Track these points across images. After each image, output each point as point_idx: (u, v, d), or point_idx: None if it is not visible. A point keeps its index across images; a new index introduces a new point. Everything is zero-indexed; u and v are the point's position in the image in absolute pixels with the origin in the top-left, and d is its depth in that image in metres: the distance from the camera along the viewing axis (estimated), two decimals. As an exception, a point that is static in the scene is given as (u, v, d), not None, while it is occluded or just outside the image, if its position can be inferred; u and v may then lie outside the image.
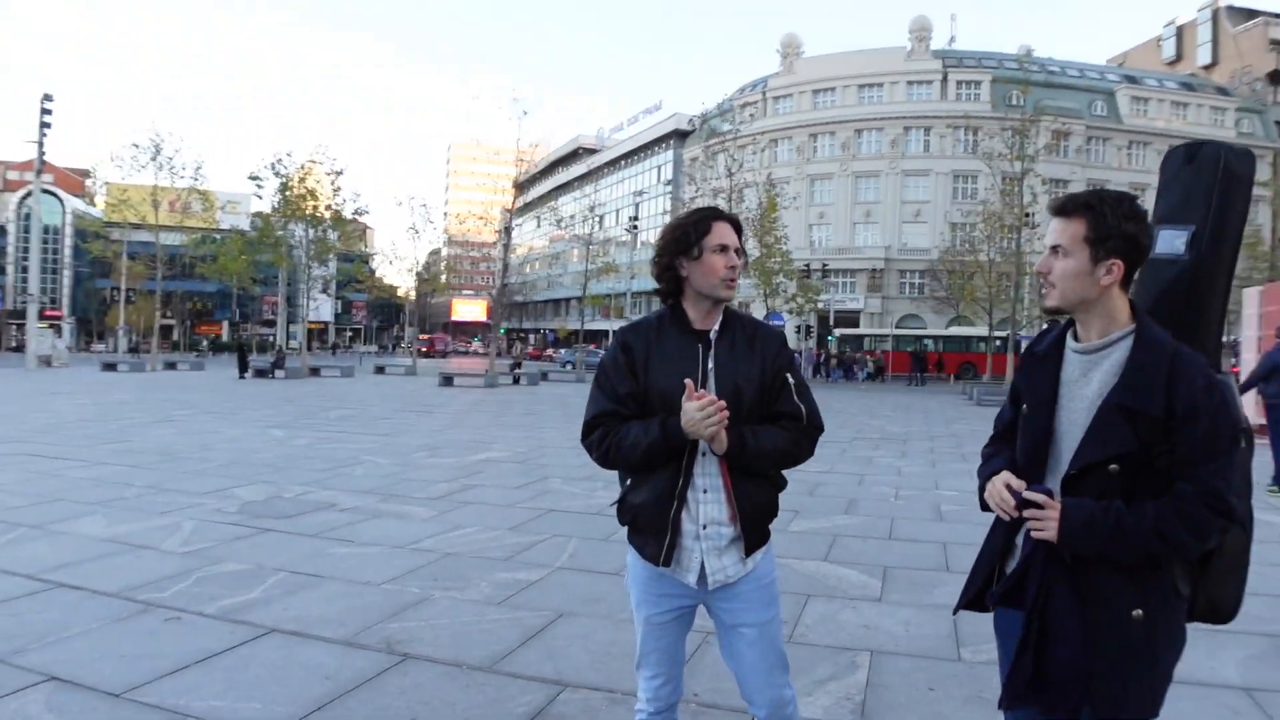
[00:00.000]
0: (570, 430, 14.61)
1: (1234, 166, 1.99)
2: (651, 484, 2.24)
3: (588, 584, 5.24)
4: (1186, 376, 1.71)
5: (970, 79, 57.75)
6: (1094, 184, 56.92)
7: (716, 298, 2.28)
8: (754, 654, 2.30)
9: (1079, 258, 1.82)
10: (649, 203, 73.31)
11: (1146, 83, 62.08)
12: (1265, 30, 63.76)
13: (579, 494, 8.36)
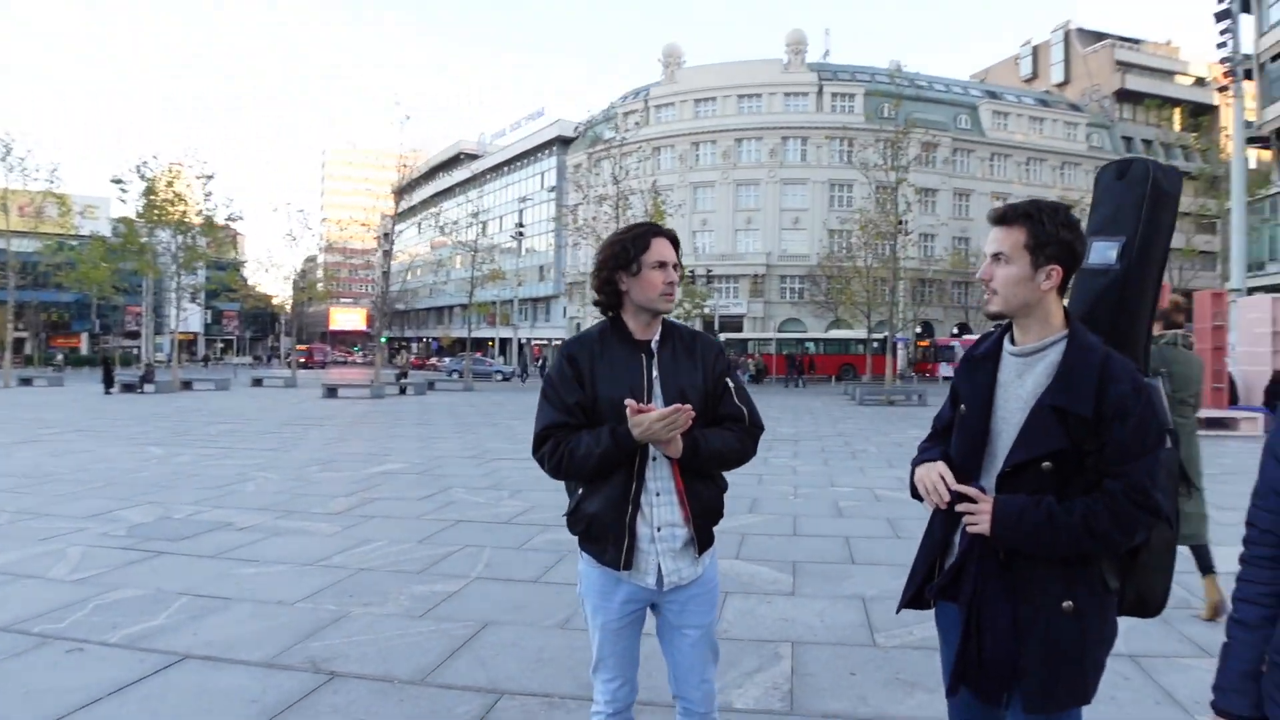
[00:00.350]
0: (467, 440, 14.45)
1: (1163, 183, 2.12)
2: (606, 491, 2.28)
3: (508, 593, 5.23)
4: (1116, 380, 1.80)
5: (844, 91, 59.90)
6: (959, 193, 60.10)
7: (655, 310, 2.36)
8: (694, 654, 2.40)
9: (1020, 264, 1.90)
10: (533, 209, 72.92)
11: (1006, 98, 65.81)
12: (1111, 52, 68.60)
13: (485, 504, 8.29)
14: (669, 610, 2.39)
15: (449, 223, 41.31)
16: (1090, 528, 1.77)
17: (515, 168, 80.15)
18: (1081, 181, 63.57)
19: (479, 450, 12.82)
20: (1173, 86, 68.10)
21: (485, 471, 10.47)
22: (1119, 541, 1.81)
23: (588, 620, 2.44)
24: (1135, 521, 1.78)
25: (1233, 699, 1.59)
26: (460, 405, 24.68)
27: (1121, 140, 66.23)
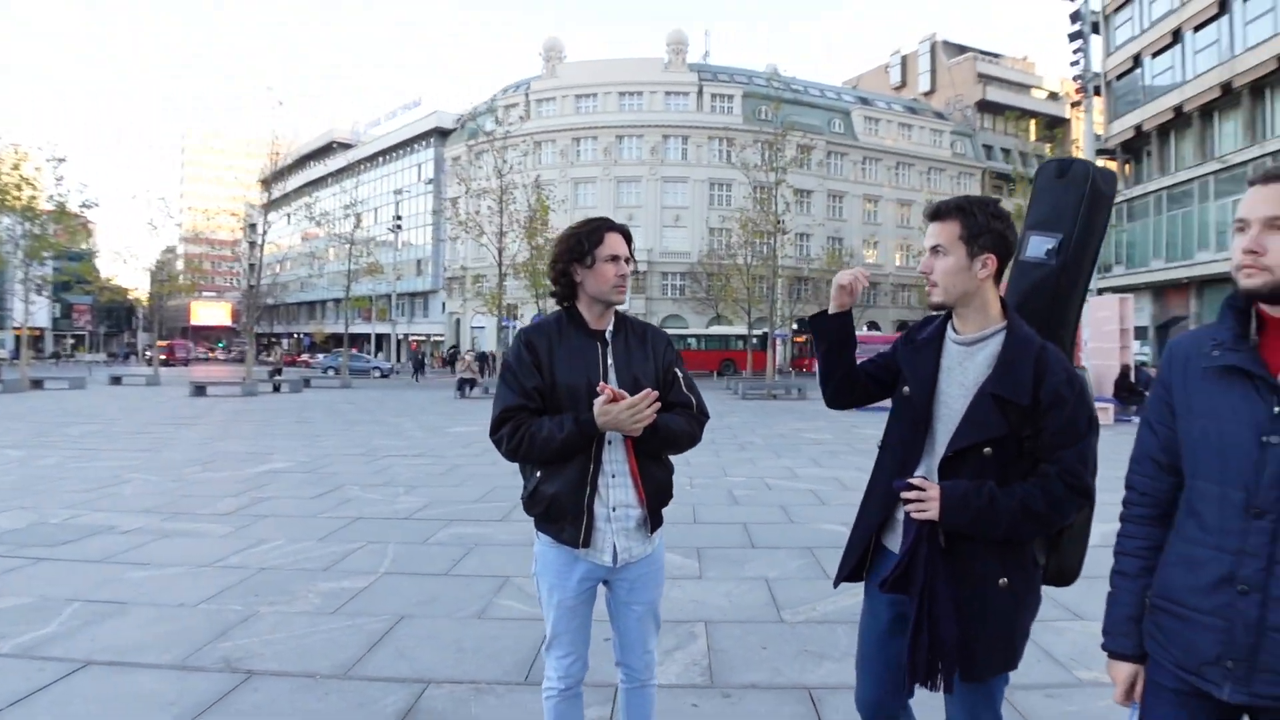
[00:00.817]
0: (352, 438, 14.11)
1: (1100, 185, 2.28)
2: (565, 474, 2.38)
3: (419, 586, 5.22)
4: (1052, 371, 1.94)
5: (723, 92, 61.09)
6: (834, 194, 62.21)
7: (608, 302, 2.49)
8: (640, 627, 2.57)
9: (957, 254, 2.02)
10: (410, 201, 71.24)
11: (877, 104, 68.58)
12: (974, 64, 72.45)
13: (381, 500, 8.17)
14: (620, 587, 2.52)
15: (321, 214, 39.94)
16: (1028, 510, 1.92)
17: (391, 159, 78.04)
18: (946, 186, 66.91)
19: (367, 448, 12.55)
20: (1029, 99, 72.55)
21: (377, 469, 10.28)
22: (1054, 522, 1.97)
23: (542, 600, 2.54)
24: (1068, 504, 1.95)
25: (1120, 640, 1.81)
26: (339, 403, 23.97)
27: (983, 148, 70.06)
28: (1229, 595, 1.57)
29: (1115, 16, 38.55)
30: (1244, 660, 1.55)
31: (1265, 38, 29.55)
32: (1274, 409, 1.54)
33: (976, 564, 1.98)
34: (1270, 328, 1.62)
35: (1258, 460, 1.55)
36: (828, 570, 5.75)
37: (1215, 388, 1.65)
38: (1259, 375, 1.58)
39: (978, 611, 1.97)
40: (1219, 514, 1.61)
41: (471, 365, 28.26)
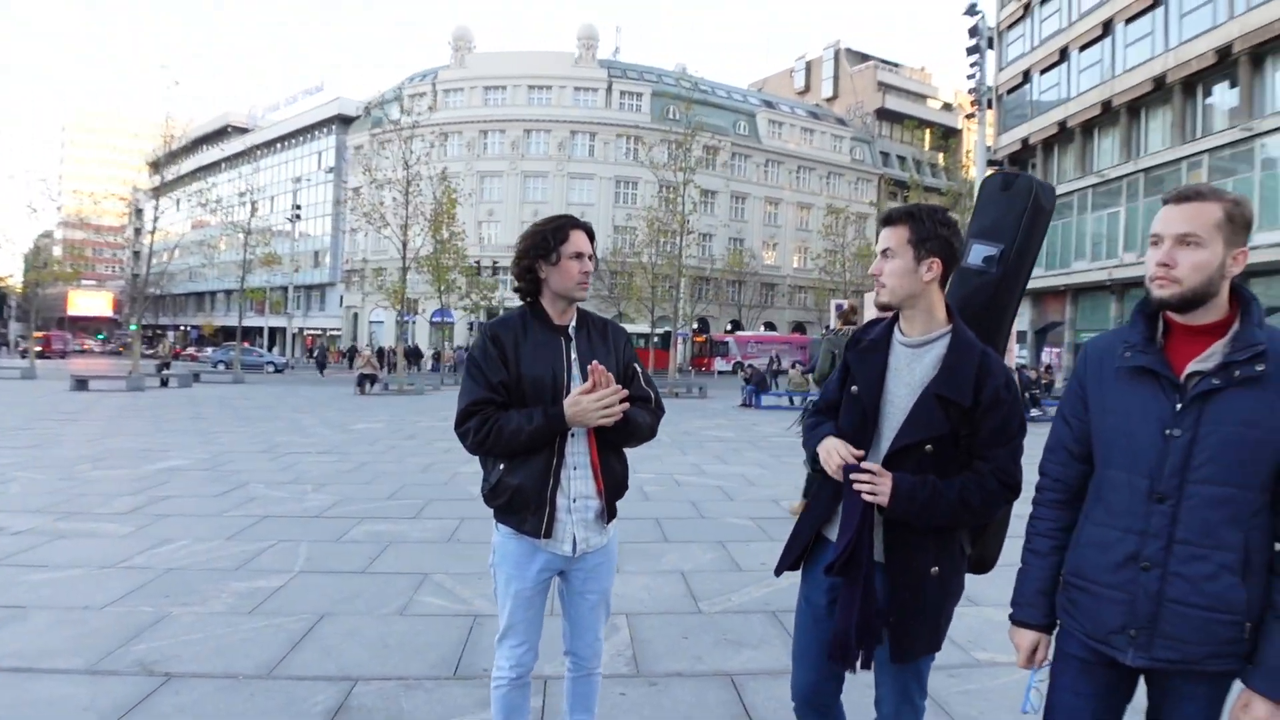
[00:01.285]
0: (252, 434, 13.68)
1: (1041, 200, 2.43)
2: (529, 465, 2.45)
3: (337, 584, 5.17)
4: (992, 374, 2.07)
5: (632, 90, 61.34)
6: (737, 195, 63.14)
7: (572, 298, 2.56)
8: (592, 615, 2.67)
9: (905, 257, 2.12)
10: (310, 190, 69.19)
11: (781, 108, 69.97)
12: (874, 72, 74.68)
13: (288, 498, 8.00)
14: (575, 576, 2.61)
15: (213, 201, 38.34)
16: (966, 503, 2.06)
17: (290, 145, 75.52)
18: (845, 191, 68.79)
19: (269, 444, 12.20)
20: (925, 109, 75.17)
21: (281, 466, 10.03)
22: (986, 515, 2.12)
23: (498, 590, 2.60)
24: (1000, 498, 2.09)
25: (1028, 611, 2.02)
26: (234, 398, 23.10)
27: (880, 155, 72.31)
28: (1133, 572, 1.79)
29: (1008, 33, 40.37)
30: (1145, 629, 1.77)
31: (1142, 60, 31.43)
32: (1176, 405, 1.76)
33: (913, 553, 2.12)
34: (1176, 332, 1.83)
35: (1161, 451, 1.76)
36: (740, 563, 5.95)
37: (1126, 386, 1.85)
38: (1164, 375, 1.78)
39: (912, 597, 2.11)
40: (1126, 499, 1.82)
41: (371, 361, 27.65)
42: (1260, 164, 26.69)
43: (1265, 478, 1.69)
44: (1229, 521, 1.70)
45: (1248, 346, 1.71)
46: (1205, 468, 1.71)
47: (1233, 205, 1.76)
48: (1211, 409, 1.72)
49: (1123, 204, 32.38)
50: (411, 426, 15.56)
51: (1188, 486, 1.73)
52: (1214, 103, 29.80)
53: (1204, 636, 1.72)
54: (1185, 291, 1.75)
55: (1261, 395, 1.68)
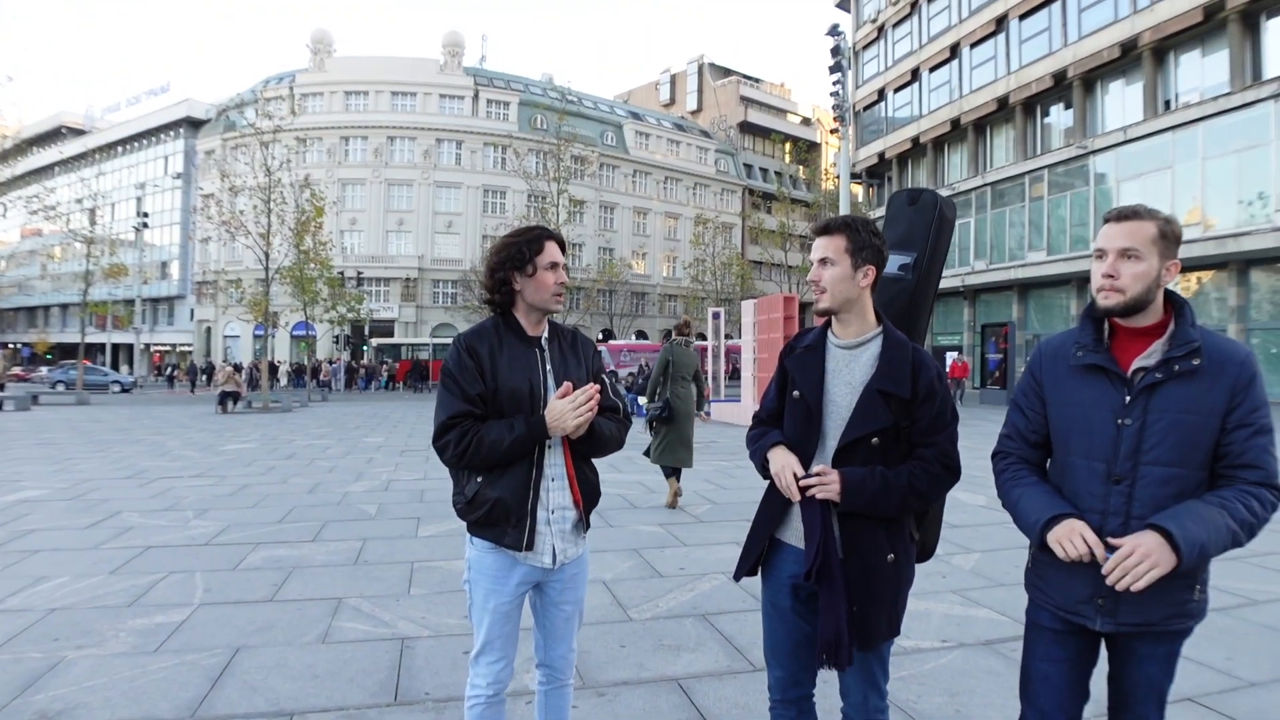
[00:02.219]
0: (111, 460, 12.73)
1: (945, 211, 2.66)
2: (509, 477, 2.42)
3: (246, 615, 4.87)
4: (925, 368, 2.22)
5: (500, 99, 60.82)
6: (605, 205, 63.48)
7: (547, 309, 2.55)
8: (567, 626, 2.65)
9: (843, 265, 2.24)
10: (157, 196, 65.15)
11: (648, 120, 70.97)
12: (737, 87, 76.78)
13: (170, 526, 7.47)
14: (552, 588, 2.58)
15: (44, 207, 35.42)
16: (914, 487, 2.18)
17: (133, 149, 70.90)
18: (711, 202, 70.33)
19: (134, 470, 11.37)
20: (785, 123, 77.82)
21: (153, 493, 9.35)
22: (933, 497, 2.25)
23: (475, 605, 2.53)
24: (943, 480, 2.23)
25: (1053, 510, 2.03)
26: (83, 421, 21.40)
27: (744, 167, 74.34)
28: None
29: (864, 53, 42.31)
30: (1111, 596, 1.99)
31: (987, 82, 33.55)
32: (1125, 397, 2.00)
33: (870, 544, 2.22)
34: (1120, 334, 2.08)
35: (1115, 438, 2.01)
36: (658, 569, 5.98)
37: (1080, 381, 2.09)
38: (1113, 371, 2.03)
39: (871, 585, 2.21)
40: (1086, 482, 2.05)
41: (235, 378, 26.24)
42: (1093, 179, 28.90)
43: (1204, 456, 1.94)
44: (1177, 497, 1.95)
45: (1184, 344, 1.97)
46: (1154, 450, 1.96)
47: (1164, 223, 2.01)
48: (1156, 399, 1.96)
49: (972, 215, 34.41)
50: (287, 446, 14.83)
51: (1140, 468, 1.97)
52: (1051, 122, 32.16)
53: (1163, 600, 1.96)
54: (1128, 300, 1.99)
55: (1197, 385, 1.93)
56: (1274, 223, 22.76)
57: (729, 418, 20.42)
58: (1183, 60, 26.62)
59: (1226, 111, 24.11)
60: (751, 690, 3.79)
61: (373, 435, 16.97)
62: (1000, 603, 5.16)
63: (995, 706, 3.65)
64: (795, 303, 18.83)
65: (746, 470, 11.16)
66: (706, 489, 9.74)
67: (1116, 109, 28.74)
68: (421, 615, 4.88)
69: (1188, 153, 25.31)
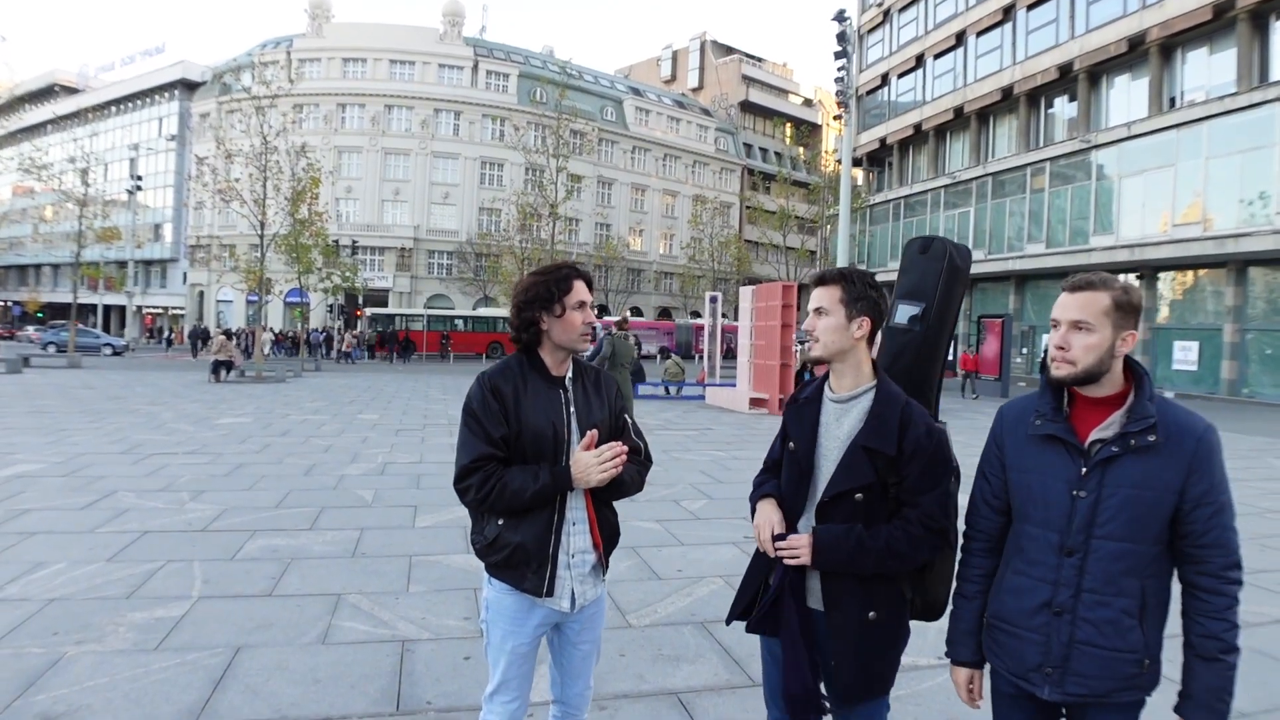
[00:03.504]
0: (107, 431, 12.68)
1: (956, 260, 2.65)
2: (531, 522, 2.40)
3: (246, 611, 4.86)
4: (914, 424, 2.19)
5: (499, 70, 60.31)
6: (604, 181, 63.16)
7: (574, 350, 2.52)
8: (584, 664, 2.65)
9: (837, 315, 2.25)
10: (151, 158, 64.52)
11: (648, 96, 70.52)
12: (739, 65, 76.27)
13: (166, 509, 7.45)
14: (570, 629, 2.58)
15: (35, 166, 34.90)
16: (892, 549, 2.17)
17: (128, 109, 70.18)
18: (710, 180, 70.06)
19: (129, 444, 11.32)
20: (787, 104, 77.40)
21: (148, 470, 9.32)
22: (914, 560, 2.22)
23: (492, 645, 2.52)
24: (925, 544, 2.20)
25: (960, 650, 2.26)
26: (75, 387, 21.28)
27: (744, 146, 73.97)
28: (1047, 616, 2.04)
29: (869, 37, 41.98)
30: (1058, 667, 2.02)
31: (991, 71, 33.33)
32: (1082, 469, 2.00)
33: (849, 600, 2.23)
34: (1079, 403, 2.06)
35: (1069, 509, 2.01)
36: (656, 570, 5.99)
37: (1038, 450, 2.09)
38: (1070, 442, 2.01)
39: (850, 642, 2.22)
40: (1040, 551, 2.06)
41: (228, 346, 26.09)
42: (1095, 173, 28.84)
43: (1158, 532, 1.95)
44: (1128, 572, 1.95)
45: (1141, 419, 1.94)
46: (1108, 525, 1.96)
47: (1121, 293, 1.99)
48: (1112, 473, 1.96)
49: (972, 204, 34.35)
50: (282, 421, 14.79)
51: (1093, 541, 1.98)
52: (1055, 114, 32.03)
53: (1109, 673, 1.98)
54: (1079, 372, 1.98)
55: (1152, 461, 1.93)
56: (1275, 225, 22.79)
57: (723, 402, 20.43)
58: (1190, 58, 26.52)
59: (1232, 112, 24.05)
60: (750, 706, 3.81)
61: (367, 412, 16.93)
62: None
63: (992, 730, 3.67)
64: (794, 291, 18.83)
65: (742, 461, 11.18)
66: (703, 482, 9.74)
67: (1121, 104, 28.66)
68: (421, 615, 4.88)
69: (1191, 151, 25.27)
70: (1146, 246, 26.68)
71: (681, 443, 13.04)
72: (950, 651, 2.27)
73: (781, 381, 18.39)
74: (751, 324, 19.65)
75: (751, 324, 19.65)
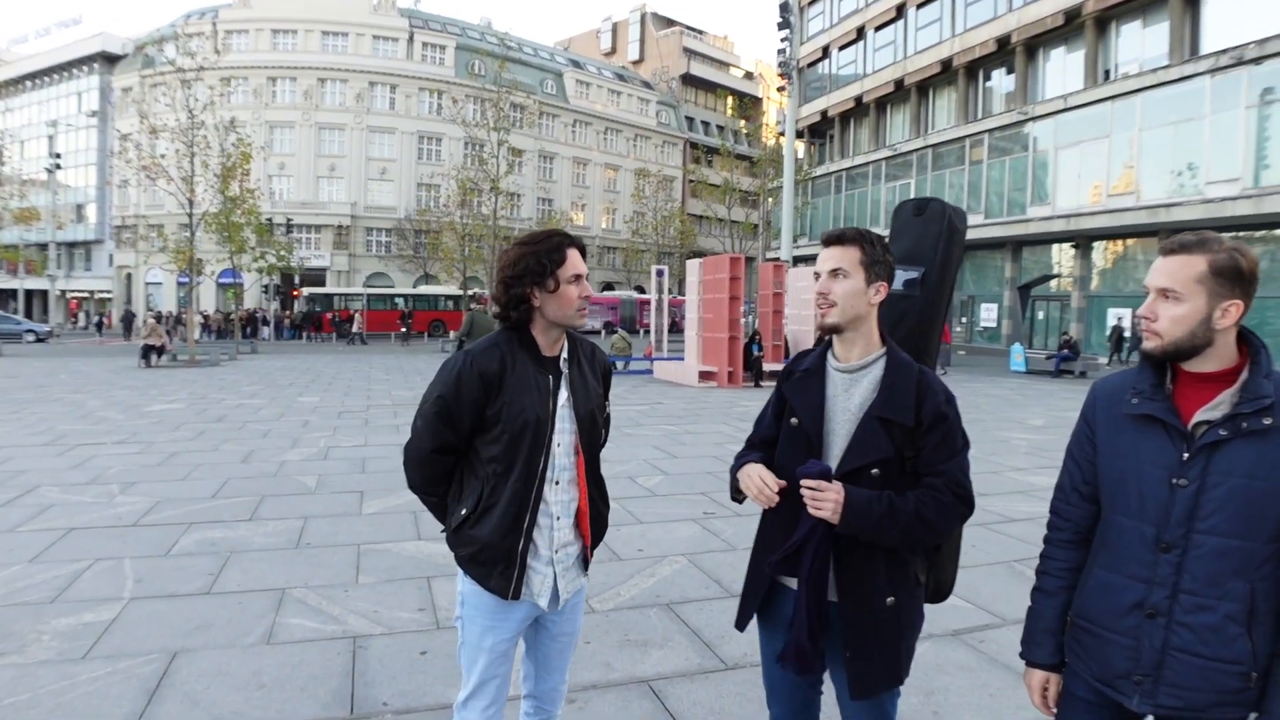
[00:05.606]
0: (27, 422, 12.04)
1: (956, 222, 2.48)
2: (496, 519, 2.20)
3: (182, 612, 4.55)
4: (932, 392, 2.07)
5: (436, 42, 58.93)
6: (545, 155, 62.38)
7: (571, 326, 2.30)
8: (561, 660, 2.48)
9: (856, 279, 2.08)
10: (70, 135, 61.72)
11: (589, 69, 69.66)
12: (680, 38, 75.76)
13: (94, 503, 7.02)
14: (552, 621, 2.40)
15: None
16: (921, 515, 2.00)
17: (43, 84, 66.97)
18: (652, 154, 69.66)
19: (52, 435, 10.72)
20: (728, 77, 77.20)
21: (73, 462, 8.82)
22: (943, 530, 2.06)
23: (468, 643, 2.31)
24: (955, 511, 2.06)
25: (1036, 651, 2.03)
26: (-9, 373, 20.33)
27: (685, 120, 73.64)
28: (1139, 619, 1.80)
29: (810, 9, 41.95)
30: (1150, 675, 1.78)
31: (931, 44, 33.60)
32: (1183, 454, 1.74)
33: (867, 585, 2.07)
34: (1184, 379, 1.81)
35: (1167, 500, 1.75)
36: (617, 551, 5.81)
37: (1134, 432, 1.84)
38: (1172, 424, 1.77)
39: (869, 631, 2.07)
40: (1133, 547, 1.82)
41: (158, 330, 25.11)
42: (1032, 144, 29.30)
43: (1272, 529, 1.69)
44: (1235, 572, 1.71)
45: (1255, 399, 1.70)
46: (1212, 518, 1.71)
47: (1224, 256, 1.72)
48: (1218, 460, 1.71)
49: (913, 176, 34.68)
50: (217, 406, 14.22)
51: (1194, 536, 1.73)
52: (994, 87, 32.43)
53: (1208, 685, 1.73)
54: (1167, 344, 1.76)
55: (1267, 448, 1.68)
56: (1203, 194, 23.36)
57: (672, 376, 20.30)
58: (1124, 31, 26.98)
59: (1164, 84, 24.53)
60: (725, 692, 3.67)
61: (307, 394, 16.41)
62: (963, 587, 5.08)
63: (971, 707, 3.60)
64: (741, 263, 18.77)
65: (696, 436, 11.06)
66: (657, 457, 9.58)
67: (1057, 76, 29.08)
68: (373, 609, 4.63)
69: (1125, 123, 25.75)
70: (1081, 216, 27.16)
71: (633, 418, 12.87)
72: (1025, 652, 2.06)
73: (730, 354, 18.36)
74: (700, 297, 19.52)
75: (700, 297, 19.52)
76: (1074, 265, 28.94)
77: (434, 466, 2.29)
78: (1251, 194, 22.11)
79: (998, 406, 15.73)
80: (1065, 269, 29.46)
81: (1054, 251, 30.09)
